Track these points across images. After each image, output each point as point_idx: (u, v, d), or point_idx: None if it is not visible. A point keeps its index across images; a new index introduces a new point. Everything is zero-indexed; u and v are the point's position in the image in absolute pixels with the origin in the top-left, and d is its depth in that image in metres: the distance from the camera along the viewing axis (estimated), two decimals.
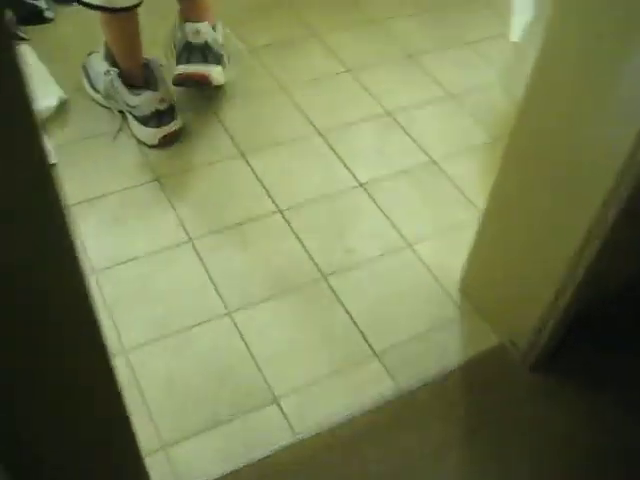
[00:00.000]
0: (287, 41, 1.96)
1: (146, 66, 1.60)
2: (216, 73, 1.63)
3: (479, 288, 1.36)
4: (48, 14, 1.95)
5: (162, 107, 1.56)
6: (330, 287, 1.37)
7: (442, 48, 2.00)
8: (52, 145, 1.59)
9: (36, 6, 1.93)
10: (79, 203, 1.48)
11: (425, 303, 1.37)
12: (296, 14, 2.05)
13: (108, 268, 1.37)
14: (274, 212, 1.50)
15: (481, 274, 1.35)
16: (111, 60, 1.62)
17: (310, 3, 2.10)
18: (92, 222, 1.45)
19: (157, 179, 1.54)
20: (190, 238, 1.43)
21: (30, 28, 1.90)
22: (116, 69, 1.59)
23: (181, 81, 1.64)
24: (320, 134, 1.68)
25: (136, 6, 1.49)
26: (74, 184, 1.51)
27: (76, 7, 1.97)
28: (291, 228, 1.47)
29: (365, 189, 1.57)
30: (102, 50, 1.65)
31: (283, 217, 1.49)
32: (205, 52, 1.62)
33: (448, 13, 2.14)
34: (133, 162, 1.58)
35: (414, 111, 1.78)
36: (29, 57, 1.80)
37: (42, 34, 1.89)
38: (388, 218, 1.51)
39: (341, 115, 1.74)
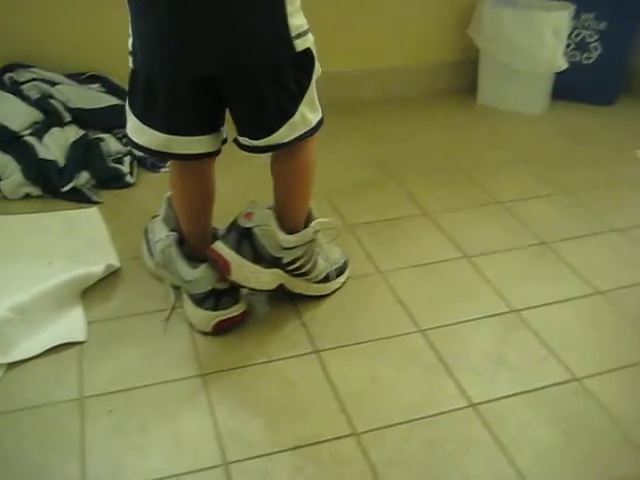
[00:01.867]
0: (392, 220, 1.64)
1: (214, 236, 1.31)
2: None
3: None
4: (129, 179, 1.76)
5: (222, 286, 1.24)
6: None
7: (584, 235, 1.61)
8: (86, 321, 1.29)
9: (118, 169, 1.76)
10: (93, 396, 1.13)
11: None
12: (405, 192, 1.76)
13: None
14: (347, 435, 1.08)
15: None
16: (172, 223, 1.35)
17: (420, 180, 1.81)
18: (105, 424, 1.09)
19: (202, 375, 1.19)
20: (226, 462, 1.03)
21: (109, 192, 1.71)
22: (175, 233, 1.31)
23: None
24: (423, 333, 1.29)
25: (213, 154, 1.21)
26: (99, 369, 1.18)
27: (160, 174, 1.81)
28: (368, 460, 1.04)
29: (478, 412, 1.13)
30: (163, 210, 1.38)
31: (358, 443, 1.07)
32: None
33: (590, 194, 1.78)
34: (178, 350, 1.24)
35: (548, 310, 1.37)
36: (93, 221, 1.59)
37: (119, 198, 1.70)
38: (510, 459, 1.05)
39: (452, 311, 1.35)
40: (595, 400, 1.16)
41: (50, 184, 1.68)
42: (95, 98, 1.89)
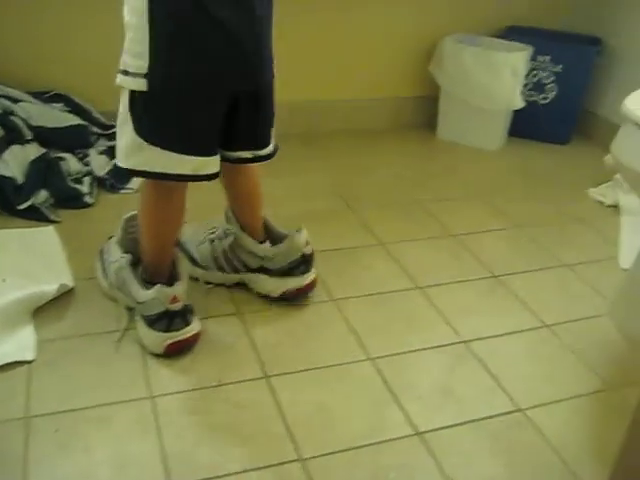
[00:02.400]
0: (348, 249, 1.67)
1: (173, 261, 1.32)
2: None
3: None
4: (88, 199, 1.76)
5: (175, 308, 1.25)
6: None
7: (534, 269, 1.66)
8: (37, 339, 1.28)
9: (77, 189, 1.75)
10: (40, 416, 1.13)
11: None
12: (362, 222, 1.79)
13: None
14: (292, 461, 1.09)
15: None
16: (128, 245, 1.35)
17: (377, 211, 1.85)
18: (50, 443, 1.08)
19: (151, 397, 1.18)
20: None
21: (67, 211, 1.71)
22: (129, 255, 1.32)
23: (294, 295, 1.43)
24: (373, 362, 1.31)
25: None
26: (47, 389, 1.17)
27: (119, 195, 1.82)
28: None
29: (423, 440, 1.15)
30: (119, 231, 1.39)
31: (304, 469, 1.08)
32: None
33: (541, 229, 1.83)
34: (129, 372, 1.23)
35: (496, 342, 1.40)
36: (50, 240, 1.59)
37: (78, 218, 1.69)
38: None
39: (403, 340, 1.37)
40: (538, 431, 1.19)
41: (7, 201, 1.67)
42: (58, 117, 1.89)
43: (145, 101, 1.10)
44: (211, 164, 1.18)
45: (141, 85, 1.09)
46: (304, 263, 1.41)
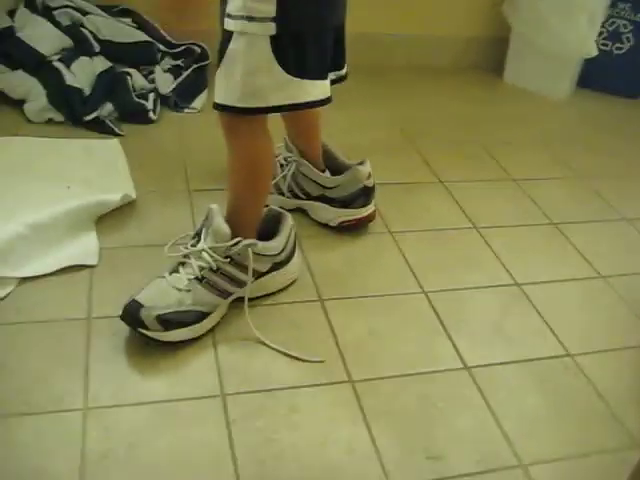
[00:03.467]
0: (407, 184, 1.66)
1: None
2: None
3: None
4: (152, 115, 1.77)
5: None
6: None
7: (594, 220, 1.63)
8: (99, 246, 1.32)
9: (142, 105, 1.77)
10: (100, 318, 1.17)
11: None
12: (423, 159, 1.77)
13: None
14: (343, 382, 1.11)
15: None
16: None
17: (439, 149, 1.82)
18: (110, 345, 1.12)
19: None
20: (223, 394, 1.07)
21: (130, 126, 1.72)
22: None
23: (353, 226, 1.45)
24: (426, 295, 1.32)
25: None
26: (108, 294, 1.21)
27: (182, 114, 1.83)
28: (360, 407, 1.07)
29: (471, 374, 1.16)
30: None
31: (354, 390, 1.10)
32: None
33: (604, 182, 1.79)
34: None
35: (550, 288, 1.39)
36: (114, 152, 1.61)
37: (140, 133, 1.71)
38: (497, 421, 1.09)
39: (457, 277, 1.38)
40: (585, 376, 1.19)
41: (74, 112, 1.70)
42: (125, 32, 1.89)
43: (284, 42, 1.08)
44: (328, 87, 1.19)
45: (269, 29, 1.06)
46: (364, 195, 1.42)
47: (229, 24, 1.07)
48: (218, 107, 1.13)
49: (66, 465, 0.93)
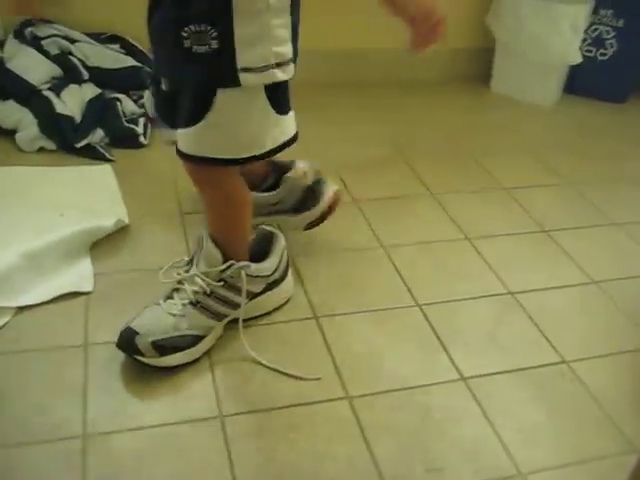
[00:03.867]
0: (399, 198, 1.68)
1: None
2: None
3: None
4: (142, 140, 1.79)
5: None
6: None
7: (584, 226, 1.65)
8: (93, 272, 1.33)
9: (133, 129, 1.78)
10: (97, 344, 1.17)
11: None
12: (414, 172, 1.79)
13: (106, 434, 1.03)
14: (340, 398, 1.12)
15: None
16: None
17: (428, 161, 1.84)
18: (108, 371, 1.13)
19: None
20: (221, 415, 1.07)
21: (121, 150, 1.74)
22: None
23: (320, 221, 1.42)
24: (420, 308, 1.33)
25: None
26: (104, 320, 1.22)
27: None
28: (358, 423, 1.08)
29: (467, 385, 1.17)
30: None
31: (351, 406, 1.11)
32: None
33: (594, 187, 1.81)
34: None
35: (543, 295, 1.40)
36: (106, 177, 1.63)
37: (131, 158, 1.72)
38: (495, 431, 1.09)
39: (450, 289, 1.39)
40: (581, 383, 1.20)
41: (65, 139, 1.71)
42: (114, 58, 1.91)
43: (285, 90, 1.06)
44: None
45: (291, 71, 1.04)
46: (312, 193, 1.39)
47: (249, 79, 0.99)
48: (194, 159, 1.07)
49: None
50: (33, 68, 1.78)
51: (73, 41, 1.90)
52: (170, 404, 1.09)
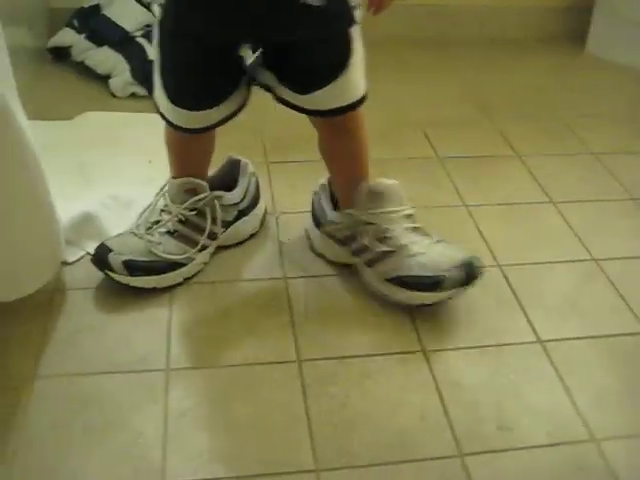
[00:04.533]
0: (483, 158, 1.65)
1: None
2: None
3: None
4: None
5: None
6: (465, 470, 0.96)
7: None
8: None
9: None
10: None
11: None
12: (499, 132, 1.76)
13: None
14: (417, 351, 1.13)
15: None
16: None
17: (515, 121, 1.80)
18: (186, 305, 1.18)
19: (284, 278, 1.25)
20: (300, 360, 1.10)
21: None
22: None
23: None
24: (501, 269, 1.31)
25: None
26: None
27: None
28: (433, 376, 1.09)
29: (544, 348, 1.16)
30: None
31: (426, 360, 1.12)
32: None
33: None
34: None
35: (628, 264, 1.37)
36: None
37: None
38: (570, 395, 1.09)
39: (532, 251, 1.37)
40: None
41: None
42: None
43: None
44: None
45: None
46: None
47: (358, 15, 1.06)
48: (363, 100, 1.13)
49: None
50: (128, 15, 1.83)
51: None
52: (250, 346, 1.13)
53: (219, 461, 0.96)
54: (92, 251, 1.21)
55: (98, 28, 1.80)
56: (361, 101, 1.13)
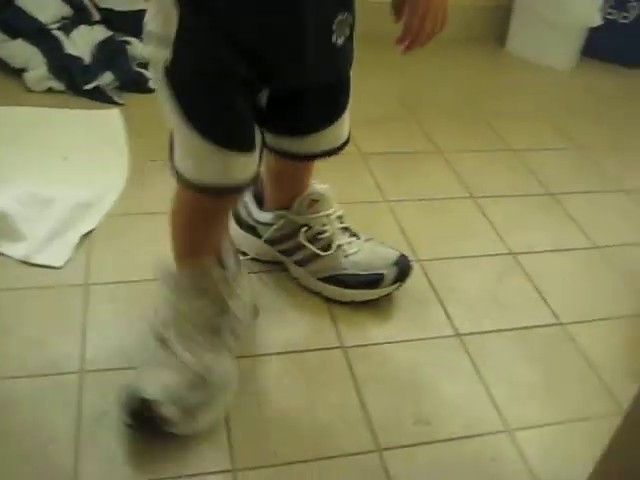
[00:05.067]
0: (406, 154, 1.67)
1: None
2: None
3: None
4: (151, 84, 1.77)
5: None
6: (383, 466, 0.97)
7: (592, 191, 1.63)
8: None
9: (142, 74, 1.77)
10: (98, 284, 1.19)
11: None
12: (422, 129, 1.77)
13: None
14: (334, 347, 1.13)
15: None
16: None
17: (438, 119, 1.82)
18: (108, 310, 1.15)
19: None
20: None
21: (131, 95, 1.73)
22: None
23: None
24: (420, 264, 1.33)
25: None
26: (106, 260, 1.23)
27: None
28: (352, 372, 1.09)
29: (462, 342, 1.18)
30: None
31: (345, 356, 1.12)
32: None
33: (605, 153, 1.79)
34: None
35: (545, 257, 1.40)
36: (114, 121, 1.62)
37: (140, 102, 1.71)
38: (486, 388, 1.10)
39: (452, 246, 1.39)
40: (576, 345, 1.21)
41: (74, 80, 1.70)
42: (126, 0, 1.88)
43: None
44: None
45: None
46: None
47: None
48: (348, 141, 1.14)
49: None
50: (44, 7, 1.77)
51: None
52: None
53: (133, 465, 0.94)
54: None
55: (11, 19, 1.74)
56: (348, 141, 1.13)
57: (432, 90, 1.99)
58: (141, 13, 1.85)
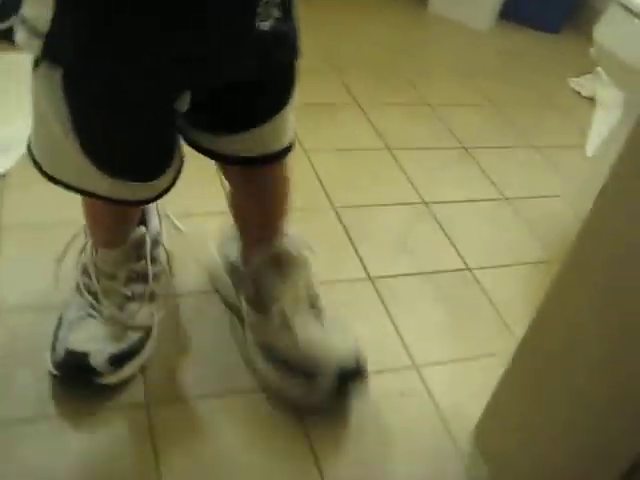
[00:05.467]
0: (324, 105, 1.69)
1: None
2: None
3: (497, 443, 0.97)
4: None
5: None
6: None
7: (504, 147, 1.69)
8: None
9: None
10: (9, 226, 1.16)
11: (422, 448, 0.99)
12: (342, 82, 1.80)
13: None
14: None
15: (501, 424, 0.97)
16: None
17: (359, 73, 1.85)
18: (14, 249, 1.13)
19: None
20: None
21: None
22: None
23: None
24: (335, 210, 1.36)
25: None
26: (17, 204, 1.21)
27: None
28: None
29: (374, 284, 1.22)
30: None
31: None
32: None
33: (517, 111, 1.86)
34: None
35: (456, 207, 1.45)
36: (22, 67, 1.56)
37: None
38: (396, 327, 1.15)
39: (366, 193, 1.42)
40: (481, 288, 1.27)
41: None
42: None
43: None
44: None
45: None
46: None
47: None
48: (289, 149, 0.95)
49: None
50: None
51: None
52: None
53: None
54: None
55: None
56: (290, 148, 0.97)
57: (355, 47, 2.02)
58: None
